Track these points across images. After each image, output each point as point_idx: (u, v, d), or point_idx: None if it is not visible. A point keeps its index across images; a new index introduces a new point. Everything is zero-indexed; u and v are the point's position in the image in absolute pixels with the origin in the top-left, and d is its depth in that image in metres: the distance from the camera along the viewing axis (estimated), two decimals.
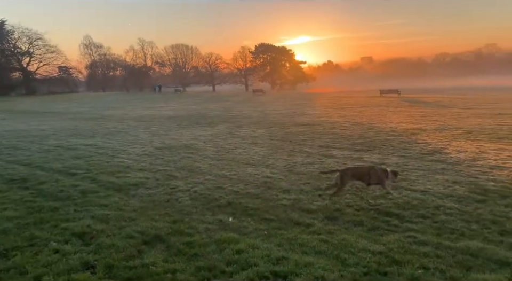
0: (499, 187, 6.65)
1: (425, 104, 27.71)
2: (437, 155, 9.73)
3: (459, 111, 21.27)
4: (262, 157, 10.04)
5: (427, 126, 15.25)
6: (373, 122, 17.66)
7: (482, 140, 11.76)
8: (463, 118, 17.75)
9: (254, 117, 21.72)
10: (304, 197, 6.49)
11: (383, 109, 24.54)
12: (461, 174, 7.64)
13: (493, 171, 7.83)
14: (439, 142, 11.50)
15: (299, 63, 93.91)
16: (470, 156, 9.36)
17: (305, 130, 15.46)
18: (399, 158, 9.50)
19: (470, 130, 13.93)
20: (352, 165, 8.46)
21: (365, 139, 12.64)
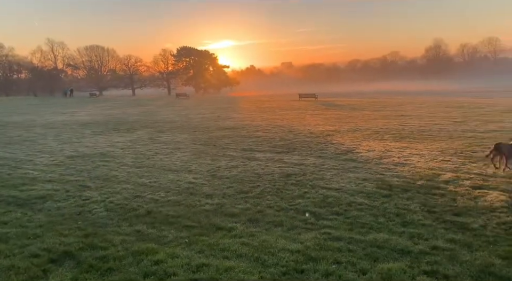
0: (402, 182, 7.35)
1: (339, 107, 29.65)
2: (350, 154, 10.45)
3: (368, 114, 23.12)
4: (185, 163, 9.85)
5: (341, 128, 16.31)
6: (293, 124, 18.39)
7: (388, 139, 12.91)
8: (372, 120, 19.34)
9: (177, 121, 21.25)
10: (227, 201, 6.49)
11: (302, 112, 25.70)
12: (370, 172, 8.29)
13: (397, 167, 8.63)
14: (351, 143, 12.36)
15: (223, 67, 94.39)
16: (377, 155, 10.20)
17: (229, 133, 15.53)
18: (316, 158, 10.00)
19: (378, 130, 15.21)
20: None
21: (285, 141, 13.10)
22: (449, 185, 6.96)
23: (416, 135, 13.61)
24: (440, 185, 7.00)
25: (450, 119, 18.18)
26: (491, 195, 6.17)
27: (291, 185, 7.45)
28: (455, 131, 14.19)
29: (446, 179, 7.38)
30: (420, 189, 6.80)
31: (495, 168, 7.73)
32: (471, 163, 8.66)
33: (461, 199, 6.10)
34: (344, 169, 8.63)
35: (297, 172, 8.43)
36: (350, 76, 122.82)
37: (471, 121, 17.40)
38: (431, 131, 14.57)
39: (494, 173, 7.64)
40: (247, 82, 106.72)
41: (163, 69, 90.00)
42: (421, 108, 25.55)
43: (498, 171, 7.60)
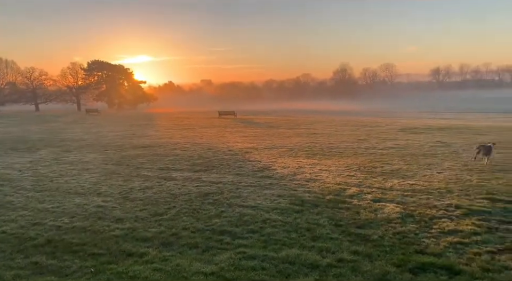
0: (312, 197, 7.77)
1: (257, 125, 30.53)
2: (266, 171, 10.76)
3: (284, 131, 24.18)
4: (94, 185, 9.19)
5: (259, 145, 16.77)
6: (212, 142, 18.40)
7: (301, 156, 13.61)
8: (287, 138, 20.24)
9: (86, 139, 19.83)
10: (140, 224, 6.20)
11: (221, 130, 25.89)
12: (285, 188, 8.62)
13: (309, 183, 9.11)
14: (268, 160, 12.76)
15: (139, 83, 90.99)
16: (291, 171, 10.67)
17: (144, 152, 14.94)
18: (234, 176, 10.10)
19: (292, 147, 15.96)
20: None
21: (204, 159, 13.02)
22: (354, 199, 7.55)
23: (326, 152, 14.56)
24: (346, 199, 7.54)
25: (355, 137, 19.83)
26: (388, 207, 6.83)
27: (208, 204, 7.40)
28: (359, 148, 15.49)
29: (351, 193, 7.98)
30: (328, 203, 7.25)
31: (484, 163, 10.93)
32: (373, 178, 9.51)
33: (363, 212, 6.64)
34: (261, 186, 8.85)
35: (214, 191, 8.41)
36: (267, 95, 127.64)
37: (372, 138, 19.19)
38: (339, 148, 15.71)
39: (391, 187, 8.48)
40: (166, 98, 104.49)
41: (72, 83, 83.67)
42: (330, 127, 27.48)
43: (484, 165, 10.69)
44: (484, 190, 7.76)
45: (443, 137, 19.54)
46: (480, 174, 9.67)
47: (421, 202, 7.08)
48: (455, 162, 11.65)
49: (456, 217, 6.13)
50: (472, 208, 6.53)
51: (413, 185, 8.52)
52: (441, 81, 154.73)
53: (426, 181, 8.97)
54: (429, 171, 10.34)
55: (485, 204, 6.77)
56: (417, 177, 9.47)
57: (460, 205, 6.72)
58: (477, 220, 5.90)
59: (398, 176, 9.67)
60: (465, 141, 17.32)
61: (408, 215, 6.37)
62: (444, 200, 7.17)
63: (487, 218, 5.98)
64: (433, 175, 9.71)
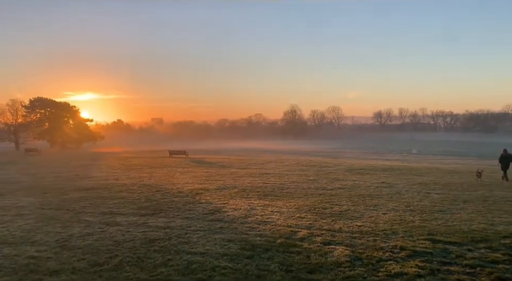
0: (263, 241, 7.66)
1: (209, 165, 30.21)
2: (217, 214, 10.53)
3: (236, 171, 24.12)
4: (27, 232, 8.41)
5: (210, 186, 16.50)
6: (161, 183, 17.83)
7: (253, 197, 13.54)
8: (239, 178, 20.17)
9: (23, 182, 18.38)
10: (77, 277, 5.69)
11: (172, 170, 25.26)
12: (235, 232, 8.43)
13: (260, 226, 9.01)
14: (219, 201, 12.54)
15: (85, 121, 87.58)
16: (243, 214, 10.53)
17: (87, 195, 14.09)
18: (183, 220, 9.75)
19: (244, 188, 15.88)
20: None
21: (152, 202, 12.52)
22: (304, 241, 7.54)
23: (278, 192, 14.64)
24: (296, 242, 7.52)
25: (306, 177, 20.23)
26: (338, 250, 6.89)
27: (154, 251, 7.02)
28: (309, 189, 15.77)
29: (301, 236, 7.99)
30: (279, 247, 7.17)
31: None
32: (322, 219, 9.63)
33: (313, 256, 6.63)
34: (211, 230, 8.60)
35: (162, 237, 8.02)
36: (219, 134, 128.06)
37: (322, 179, 19.69)
38: (290, 188, 15.89)
39: (340, 228, 8.62)
40: (114, 137, 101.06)
41: (11, 121, 78.59)
42: (281, 166, 27.88)
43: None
44: (425, 231, 8.12)
45: (387, 177, 20.51)
46: (421, 215, 10.16)
47: (369, 244, 7.24)
48: (398, 203, 12.18)
49: (401, 259, 6.30)
50: (415, 249, 6.77)
51: (361, 227, 8.73)
52: (383, 124, 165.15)
53: (373, 222, 9.24)
54: (375, 212, 10.69)
55: (427, 245, 7.06)
56: (364, 218, 9.74)
57: (404, 246, 6.95)
58: (420, 262, 6.10)
59: (347, 217, 9.88)
60: (407, 182, 18.29)
61: (356, 257, 6.46)
62: (389, 241, 7.38)
63: (429, 260, 6.21)
64: (379, 216, 10.05)
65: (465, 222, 9.18)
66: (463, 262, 6.12)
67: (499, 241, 7.33)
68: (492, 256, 6.41)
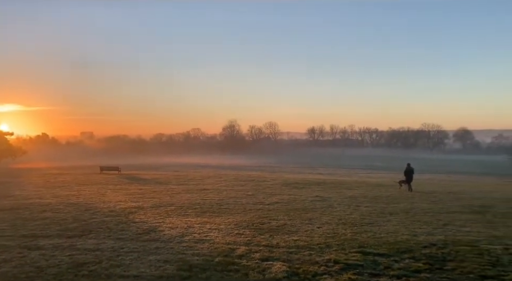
0: (201, 260, 7.50)
1: (144, 182, 29.06)
2: (152, 233, 10.11)
3: (173, 188, 23.48)
4: None
5: (144, 204, 15.83)
6: (91, 201, 16.74)
7: (190, 214, 13.25)
8: (176, 194, 19.65)
9: None
10: None
11: (102, 187, 23.87)
12: (172, 252, 8.16)
13: (198, 245, 8.82)
14: (155, 220, 12.07)
15: (4, 134, 79.73)
16: (180, 232, 10.24)
17: (5, 216, 12.78)
18: (115, 241, 9.22)
19: (181, 205, 15.49)
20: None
21: (80, 222, 11.68)
22: (243, 259, 7.53)
23: (216, 209, 14.50)
24: (235, 260, 7.48)
25: (244, 192, 20.33)
26: (276, 266, 6.98)
27: (83, 277, 6.53)
28: (247, 204, 15.85)
29: (240, 253, 7.96)
30: (217, 266, 7.07)
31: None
32: (260, 235, 9.71)
33: (252, 273, 6.64)
34: (146, 251, 8.23)
35: (91, 260, 7.50)
36: (155, 149, 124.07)
37: (260, 193, 19.93)
38: (228, 204, 15.84)
39: (277, 244, 8.75)
40: (38, 151, 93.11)
41: None
42: (220, 182, 27.74)
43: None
44: (356, 244, 8.56)
45: (320, 191, 21.36)
46: (352, 228, 10.70)
47: (305, 258, 7.43)
48: (332, 216, 12.72)
49: (335, 272, 6.56)
50: (348, 262, 7.09)
51: (297, 241, 8.94)
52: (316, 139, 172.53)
53: (308, 236, 9.52)
54: (310, 225, 11.04)
55: (358, 257, 7.43)
56: (300, 232, 10.01)
57: (338, 260, 7.25)
58: (352, 274, 6.40)
59: (284, 232, 10.07)
60: (339, 196, 19.20)
61: (293, 273, 6.59)
62: (324, 255, 7.65)
63: (360, 272, 6.54)
64: (314, 230, 10.39)
65: (391, 234, 9.84)
66: (390, 272, 6.53)
67: (420, 251, 7.96)
68: (415, 265, 6.93)
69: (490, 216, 13.22)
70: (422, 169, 67.44)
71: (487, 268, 6.80)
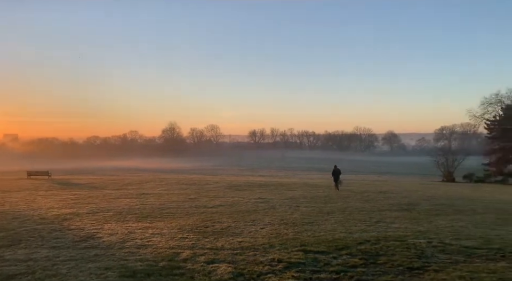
0: (145, 265, 7.34)
1: (78, 187, 27.45)
2: (90, 240, 9.65)
3: (110, 193, 22.47)
4: None
5: (80, 210, 15.00)
6: (18, 209, 15.48)
7: (130, 220, 12.82)
8: (114, 200, 18.85)
9: None
10: None
11: (31, 194, 22.13)
12: (113, 259, 7.88)
13: (140, 250, 8.60)
14: (92, 227, 11.51)
15: None
16: (120, 238, 9.89)
17: None
18: (49, 250, 8.67)
19: (120, 211, 14.91)
20: None
21: (8, 231, 10.78)
22: (188, 262, 7.51)
23: (157, 213, 14.18)
24: (180, 264, 7.43)
25: (186, 196, 20.09)
26: (221, 268, 7.06)
27: None
28: (190, 208, 15.71)
29: (185, 257, 7.92)
30: (162, 271, 6.98)
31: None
32: (205, 238, 9.72)
33: (197, 276, 6.66)
34: (84, 259, 7.85)
35: (23, 271, 6.99)
36: (89, 152, 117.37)
37: (203, 197, 19.83)
38: (170, 208, 15.56)
39: (222, 246, 8.84)
40: None
41: None
42: (160, 186, 27.09)
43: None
44: (298, 243, 8.93)
45: (262, 193, 21.81)
46: (294, 227, 11.13)
47: (249, 259, 7.61)
48: (274, 217, 13.08)
49: (279, 271, 6.80)
50: (291, 261, 7.40)
51: (241, 243, 9.10)
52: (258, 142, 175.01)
53: (252, 237, 9.73)
54: (253, 227, 11.27)
55: (300, 256, 7.77)
56: (244, 234, 10.19)
57: (281, 259, 7.52)
58: (295, 272, 6.70)
59: (228, 234, 10.18)
60: (280, 197, 19.76)
61: (239, 274, 6.72)
62: (268, 255, 7.89)
63: (302, 270, 6.86)
64: (258, 231, 10.63)
65: (329, 232, 10.40)
66: (329, 269, 6.93)
67: (356, 247, 8.53)
68: (351, 261, 7.42)
69: (416, 213, 14.49)
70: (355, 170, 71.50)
71: (413, 260, 7.49)
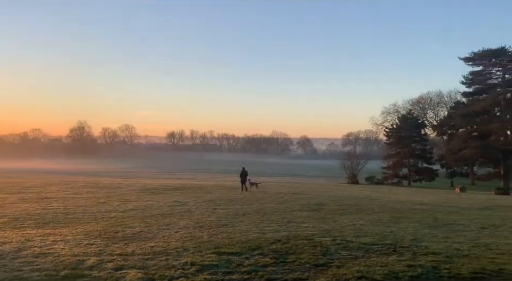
0: (43, 275, 6.71)
1: None
2: None
3: (5, 197, 20.05)
4: None
5: None
6: None
7: (29, 226, 11.61)
8: (10, 205, 16.88)
9: None
10: None
11: None
12: (4, 270, 7.06)
13: (38, 259, 7.83)
14: None
15: None
16: (15, 247, 8.89)
17: None
18: None
19: (17, 216, 13.43)
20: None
21: None
22: (94, 270, 7.04)
23: (61, 219, 13.07)
24: (84, 271, 6.94)
25: (95, 200, 18.82)
26: (130, 274, 6.75)
27: None
28: (99, 212, 14.76)
29: (90, 264, 7.42)
30: (63, 280, 6.47)
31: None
32: (114, 244, 9.21)
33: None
34: None
35: None
36: None
37: (113, 201, 18.76)
38: (76, 213, 14.46)
39: (132, 251, 8.47)
40: None
41: None
42: (66, 189, 24.98)
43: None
44: (212, 245, 8.96)
45: (179, 196, 21.41)
46: (209, 230, 11.14)
47: (161, 263, 7.41)
48: (189, 220, 12.94)
49: (191, 274, 6.75)
50: (204, 263, 7.38)
51: (154, 247, 8.83)
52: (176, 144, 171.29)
53: (165, 241, 9.50)
54: (167, 231, 11.01)
55: (214, 258, 7.80)
56: (157, 238, 9.90)
57: (194, 262, 7.47)
58: (208, 274, 6.70)
59: (140, 239, 9.79)
60: (197, 200, 19.61)
61: (149, 279, 6.51)
62: (181, 259, 7.78)
63: (215, 271, 6.89)
64: (171, 235, 10.41)
65: (243, 233, 10.62)
66: (242, 269, 7.07)
67: (268, 247, 8.85)
68: (263, 261, 7.67)
69: (323, 213, 15.52)
70: (272, 172, 74.07)
71: (319, 257, 8.01)
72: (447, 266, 7.39)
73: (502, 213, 16.99)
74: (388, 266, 7.32)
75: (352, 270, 7.02)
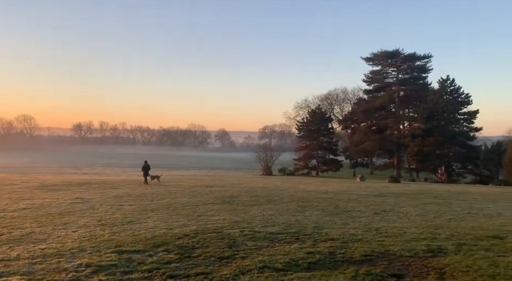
0: None
1: None
2: None
3: None
4: None
5: None
6: None
7: None
8: None
9: None
10: None
11: None
12: None
13: None
14: None
15: None
16: None
17: None
18: None
19: None
20: None
21: None
22: None
23: None
24: None
25: None
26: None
27: None
28: None
29: None
30: None
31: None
32: None
33: None
34: None
35: None
36: None
37: (2, 199, 16.64)
38: None
39: (17, 255, 7.54)
40: None
41: None
42: None
43: None
44: (113, 244, 8.38)
45: (82, 193, 19.82)
46: (112, 228, 10.44)
47: (51, 267, 6.71)
48: (91, 218, 12.01)
49: (85, 276, 6.21)
50: (101, 264, 6.85)
51: (44, 249, 7.97)
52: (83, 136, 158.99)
53: (60, 242, 8.66)
54: (64, 230, 10.07)
55: (113, 257, 7.29)
56: (51, 240, 8.98)
57: (90, 263, 6.89)
58: (104, 275, 6.23)
59: (28, 241, 8.78)
60: (103, 196, 18.36)
61: None
62: (75, 260, 7.13)
63: (113, 272, 6.44)
64: (68, 235, 9.54)
65: (150, 230, 10.17)
66: (143, 267, 6.71)
67: (174, 243, 8.58)
68: (167, 257, 7.40)
69: (235, 205, 15.68)
70: (188, 165, 72.83)
71: (225, 250, 8.00)
72: (342, 251, 7.95)
73: (392, 200, 18.94)
74: (289, 254, 7.61)
75: (255, 261, 7.14)
